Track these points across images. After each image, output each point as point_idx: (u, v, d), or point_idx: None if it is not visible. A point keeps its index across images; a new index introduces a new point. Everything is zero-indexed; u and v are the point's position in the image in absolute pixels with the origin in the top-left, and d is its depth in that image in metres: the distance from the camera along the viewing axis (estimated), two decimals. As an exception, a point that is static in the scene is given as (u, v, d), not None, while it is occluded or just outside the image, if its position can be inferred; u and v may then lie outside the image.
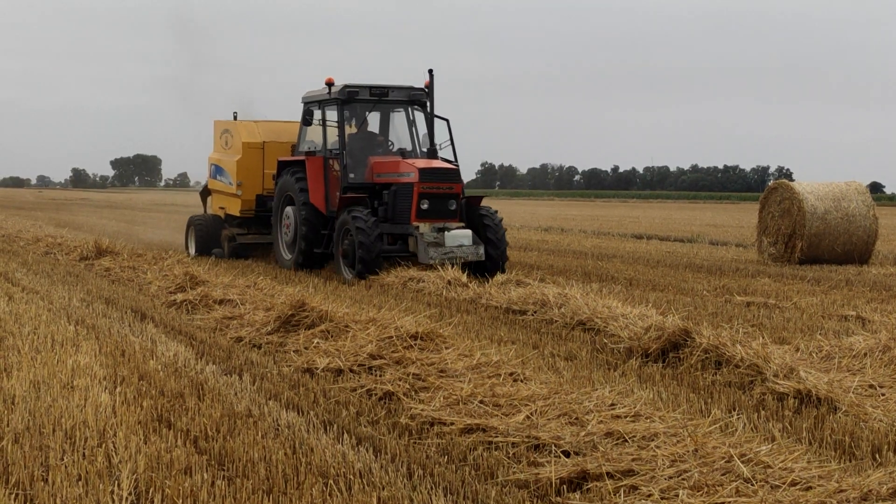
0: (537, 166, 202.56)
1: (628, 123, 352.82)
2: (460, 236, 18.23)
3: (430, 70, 20.00)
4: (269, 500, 6.28)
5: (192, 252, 23.63)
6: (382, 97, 20.05)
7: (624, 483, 6.41)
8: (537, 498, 6.49)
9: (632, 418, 7.77)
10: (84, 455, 6.94)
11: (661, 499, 6.18)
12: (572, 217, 52.28)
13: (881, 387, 9.04)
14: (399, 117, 20.84)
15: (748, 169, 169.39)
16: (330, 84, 19.83)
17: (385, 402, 8.84)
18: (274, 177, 21.47)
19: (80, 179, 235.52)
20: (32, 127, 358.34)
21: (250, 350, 11.35)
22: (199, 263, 19.40)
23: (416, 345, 10.34)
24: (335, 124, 19.91)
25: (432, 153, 19.61)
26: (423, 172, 18.52)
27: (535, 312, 13.81)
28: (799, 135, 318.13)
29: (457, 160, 19.79)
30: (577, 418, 7.77)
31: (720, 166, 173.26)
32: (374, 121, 20.75)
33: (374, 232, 18.09)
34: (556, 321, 13.18)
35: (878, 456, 7.23)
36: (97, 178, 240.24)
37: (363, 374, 9.73)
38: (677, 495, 6.15)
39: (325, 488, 6.44)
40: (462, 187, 19.06)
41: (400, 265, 18.23)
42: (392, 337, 10.50)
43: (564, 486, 6.54)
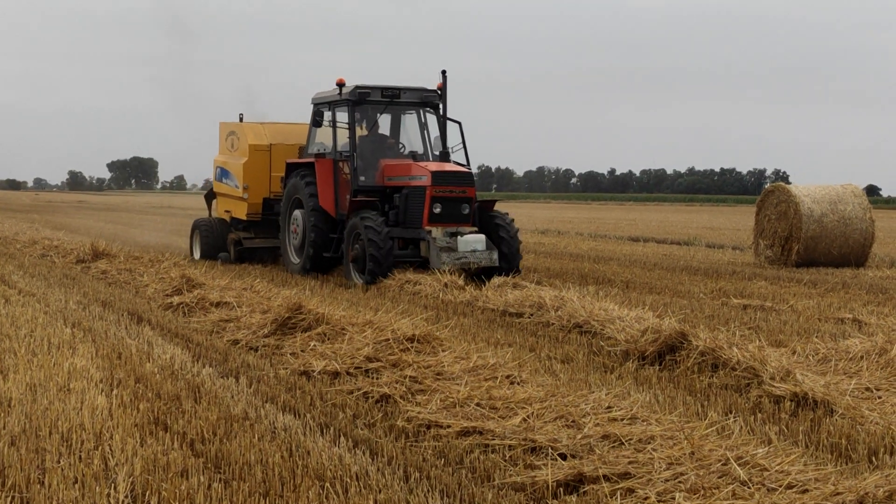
0: (534, 169, 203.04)
1: (625, 126, 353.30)
2: (473, 241, 17.90)
3: (443, 71, 19.56)
4: (265, 503, 6.28)
5: (197, 256, 23.30)
6: (394, 99, 19.69)
7: (620, 486, 6.41)
8: (534, 501, 6.49)
9: (628, 421, 7.77)
10: (80, 458, 6.94)
11: (658, 501, 6.18)
12: (569, 220, 52.28)
13: (877, 389, 9.05)
14: (410, 119, 20.50)
15: (745, 172, 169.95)
16: (341, 85, 19.51)
17: (382, 405, 8.84)
18: (281, 179, 21.13)
19: (76, 182, 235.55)
20: (29, 129, 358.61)
21: (247, 353, 11.34)
22: (196, 266, 19.38)
23: (412, 347, 10.33)
24: (345, 126, 19.53)
25: (445, 156, 19.27)
26: (435, 176, 18.20)
27: (532, 315, 13.81)
28: (796, 138, 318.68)
29: (469, 163, 19.44)
30: (573, 421, 7.77)
31: (717, 169, 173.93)
32: (384, 123, 20.41)
33: (385, 237, 17.77)
34: (552, 324, 13.18)
35: (874, 458, 7.24)
36: (94, 181, 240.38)
37: (360, 376, 9.73)
38: (674, 498, 6.15)
39: (321, 491, 6.44)
40: (475, 191, 18.69)
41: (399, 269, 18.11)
42: (389, 340, 10.49)
43: (561, 489, 6.54)
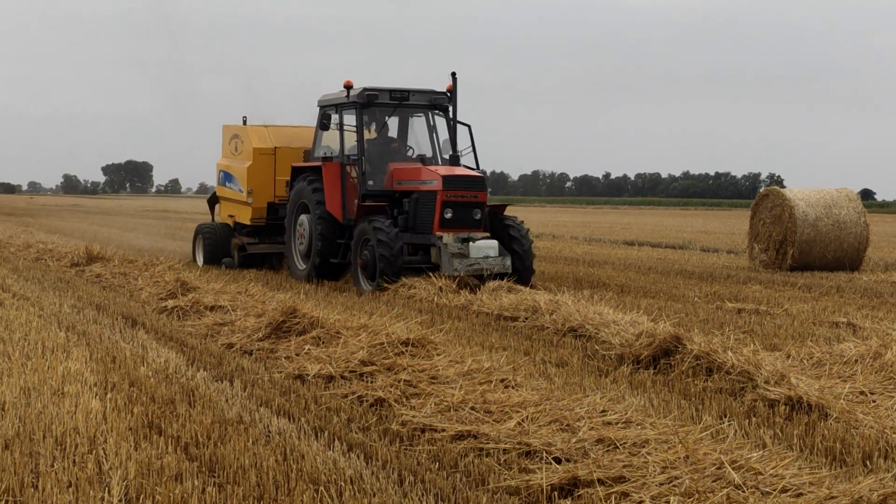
0: (529, 173, 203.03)
1: (620, 130, 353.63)
2: (486, 247, 17.52)
3: (453, 73, 19.18)
4: (259, 507, 6.28)
5: (201, 262, 22.91)
6: (403, 101, 19.31)
7: (615, 490, 6.41)
8: (528, 504, 6.49)
9: (623, 425, 7.77)
10: (74, 461, 6.93)
11: (652, 505, 6.17)
12: (564, 223, 52.30)
13: (872, 393, 9.05)
14: (419, 122, 20.10)
15: (739, 176, 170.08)
16: (348, 87, 19.10)
17: (376, 409, 8.83)
18: (287, 183, 20.79)
19: (71, 185, 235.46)
20: (24, 132, 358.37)
21: (241, 356, 11.34)
22: (191, 270, 19.36)
23: (407, 351, 10.33)
24: (353, 129, 19.14)
25: (455, 160, 18.91)
26: (446, 180, 17.83)
27: (527, 319, 13.81)
28: (790, 142, 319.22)
29: (479, 167, 19.08)
30: (568, 425, 7.77)
31: (711, 173, 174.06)
32: (391, 125, 20.04)
33: (395, 242, 17.41)
34: (547, 328, 13.18)
35: (868, 462, 7.24)
36: (88, 185, 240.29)
37: (354, 380, 9.72)
38: (668, 502, 6.15)
39: (315, 495, 6.43)
40: (487, 196, 18.29)
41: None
42: (383, 343, 10.49)
43: (555, 493, 6.54)
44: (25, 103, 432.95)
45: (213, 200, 24.18)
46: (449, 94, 19.34)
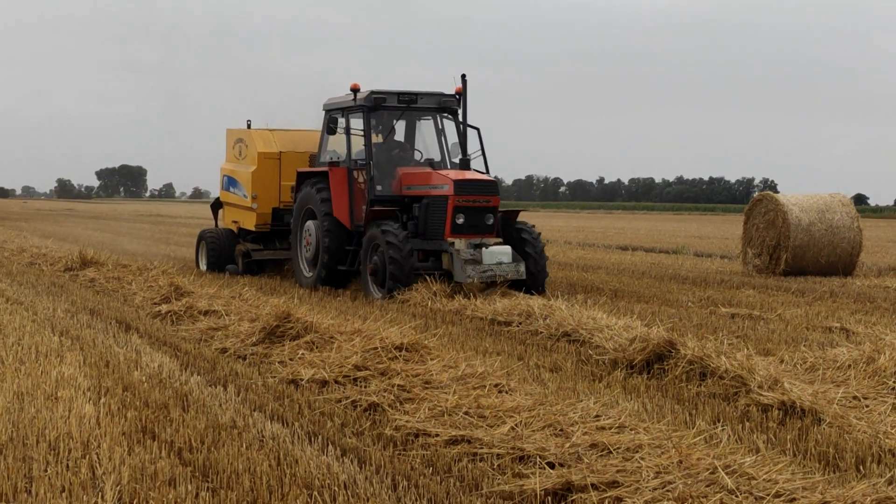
0: (522, 177, 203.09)
1: (614, 135, 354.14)
2: (499, 253, 17.12)
3: (462, 75, 18.68)
4: (253, 512, 6.28)
5: (204, 268, 22.45)
6: (411, 104, 18.89)
7: (608, 494, 6.41)
8: (522, 509, 6.50)
9: (616, 430, 7.78)
10: (68, 466, 6.92)
11: (646, 510, 6.18)
12: (557, 228, 52.28)
13: (865, 398, 9.07)
14: (427, 125, 19.74)
15: (733, 181, 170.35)
16: (355, 90, 18.75)
17: (370, 414, 8.83)
18: (292, 189, 20.43)
19: (65, 190, 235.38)
20: (18, 137, 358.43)
21: (235, 361, 11.33)
22: (185, 274, 19.34)
23: (401, 356, 10.33)
24: (360, 133, 18.81)
25: (465, 164, 18.43)
26: (458, 184, 17.43)
27: (521, 324, 13.81)
28: (784, 147, 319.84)
29: (489, 171, 18.70)
30: (561, 430, 7.77)
31: (705, 178, 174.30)
32: (398, 129, 19.56)
33: (406, 248, 17.01)
34: (541, 332, 13.19)
35: (861, 468, 7.25)
36: (82, 189, 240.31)
37: (348, 385, 9.72)
38: (662, 507, 6.16)
39: (309, 500, 6.43)
40: (500, 200, 18.00)
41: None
42: (377, 348, 10.49)
43: (549, 498, 6.54)
44: (19, 108, 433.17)
45: (217, 206, 23.76)
46: (458, 97, 18.96)
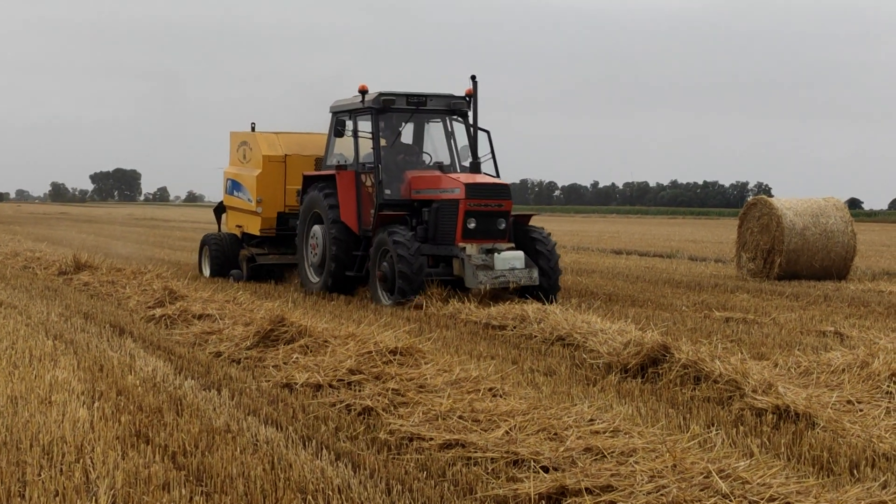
0: (517, 181, 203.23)
1: (608, 139, 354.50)
2: (512, 258, 16.74)
3: (472, 76, 18.30)
4: (247, 516, 6.27)
5: (207, 273, 22.22)
6: (420, 106, 18.46)
7: (602, 499, 6.41)
8: (516, 513, 6.49)
9: (611, 434, 7.78)
10: (61, 470, 6.91)
11: (640, 514, 6.18)
12: (552, 232, 52.30)
13: (859, 402, 9.07)
14: (436, 128, 19.30)
15: (727, 185, 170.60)
16: (363, 92, 18.33)
17: (364, 418, 8.83)
18: (298, 193, 20.05)
19: (59, 193, 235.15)
20: (11, 141, 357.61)
21: (229, 365, 11.32)
22: (179, 278, 19.32)
23: (395, 360, 10.33)
24: (368, 135, 18.46)
25: (475, 167, 18.12)
26: (469, 188, 17.03)
27: (515, 328, 13.81)
28: (778, 151, 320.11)
29: (498, 174, 18.30)
30: (556, 434, 7.77)
31: (700, 182, 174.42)
32: (406, 131, 19.08)
33: (416, 253, 16.64)
34: (535, 336, 13.19)
35: (855, 471, 7.26)
36: (76, 193, 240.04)
37: (342, 389, 9.72)
38: (656, 511, 6.16)
39: (303, 504, 6.43)
40: (512, 204, 17.59)
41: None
42: (371, 352, 10.48)
43: (543, 502, 6.54)
44: (13, 110, 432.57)
45: (220, 210, 23.39)
46: (468, 99, 18.60)
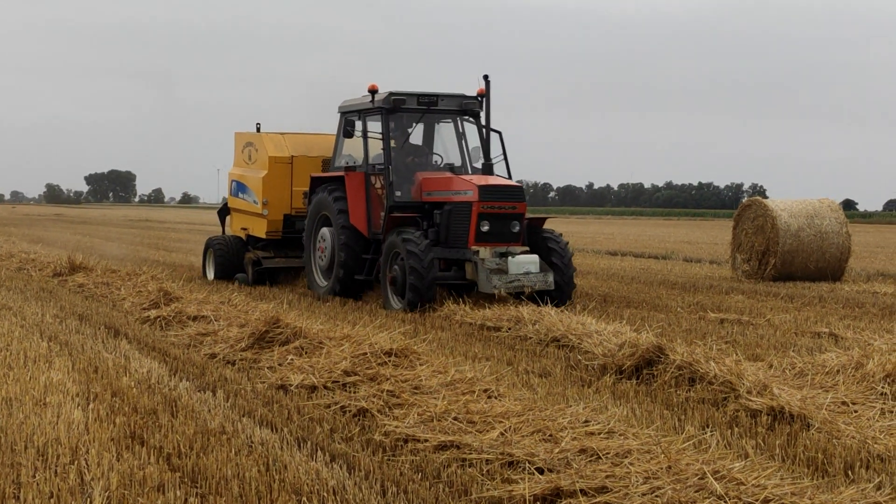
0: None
1: (603, 140, 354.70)
2: (526, 262, 16.30)
3: (485, 76, 17.83)
4: (242, 518, 6.27)
5: (211, 277, 21.76)
6: (431, 106, 18.12)
7: (597, 500, 6.41)
8: (511, 515, 6.50)
9: (605, 435, 7.78)
10: (56, 472, 6.91)
11: (635, 515, 6.18)
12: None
13: (854, 403, 9.08)
14: (447, 128, 18.92)
15: (722, 186, 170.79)
16: (373, 91, 17.97)
17: (359, 419, 8.83)
18: (304, 194, 19.74)
19: (53, 195, 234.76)
20: (6, 142, 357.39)
21: (224, 366, 11.32)
22: (174, 279, 19.30)
23: (390, 361, 10.32)
24: (377, 136, 18.09)
25: (488, 168, 17.70)
26: (483, 190, 16.64)
27: (510, 329, 13.81)
28: (773, 152, 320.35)
29: (511, 176, 17.92)
30: (550, 435, 7.77)
31: (694, 183, 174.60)
32: (416, 132, 18.72)
33: (427, 256, 16.22)
34: (530, 338, 13.19)
35: (850, 473, 7.26)
36: (71, 194, 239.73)
37: (337, 390, 9.72)
38: (651, 512, 6.16)
39: (298, 505, 6.43)
40: (526, 207, 17.19)
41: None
42: (366, 353, 10.48)
43: (538, 503, 6.55)
44: (8, 112, 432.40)
45: (224, 212, 22.84)
46: (480, 99, 18.27)
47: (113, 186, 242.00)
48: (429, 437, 7.96)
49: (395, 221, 17.16)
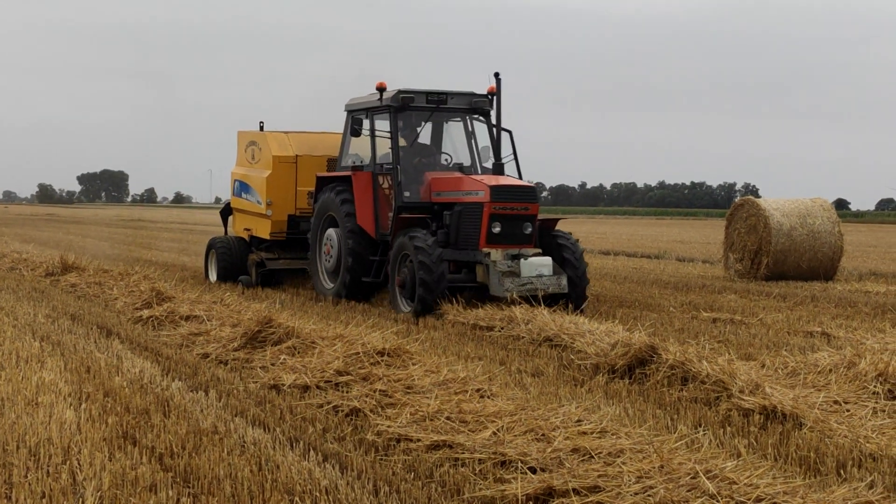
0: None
1: (596, 140, 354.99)
2: (539, 265, 15.89)
3: (496, 73, 17.36)
4: (234, 518, 6.26)
5: (213, 279, 21.24)
6: (441, 104, 17.71)
7: (590, 499, 6.42)
8: (504, 514, 6.50)
9: (598, 434, 7.79)
10: (48, 472, 6.90)
11: (627, 515, 6.18)
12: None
13: (846, 402, 9.10)
14: (456, 127, 18.52)
15: (715, 185, 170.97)
16: (381, 89, 17.57)
17: (351, 419, 8.83)
18: (309, 195, 19.49)
19: (46, 195, 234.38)
20: (0, 143, 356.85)
21: (216, 366, 11.31)
22: (166, 279, 19.27)
23: (382, 361, 10.32)
24: (385, 135, 17.69)
25: (499, 168, 17.24)
26: (494, 191, 16.21)
27: (503, 329, 13.81)
28: (765, 152, 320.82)
29: (521, 176, 17.47)
30: (543, 434, 7.78)
31: (687, 183, 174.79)
32: (424, 131, 18.23)
33: (437, 259, 15.81)
34: (523, 337, 13.19)
35: (842, 472, 7.27)
36: (64, 194, 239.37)
37: (330, 390, 9.71)
38: (643, 511, 6.16)
39: (290, 505, 6.42)
40: (539, 208, 16.75)
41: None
42: (359, 353, 10.48)
43: (531, 503, 6.55)
44: (7, 113, 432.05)
45: (227, 212, 22.45)
46: (491, 97, 17.87)
47: (105, 186, 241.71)
48: (421, 437, 7.96)
49: (403, 222, 16.78)
